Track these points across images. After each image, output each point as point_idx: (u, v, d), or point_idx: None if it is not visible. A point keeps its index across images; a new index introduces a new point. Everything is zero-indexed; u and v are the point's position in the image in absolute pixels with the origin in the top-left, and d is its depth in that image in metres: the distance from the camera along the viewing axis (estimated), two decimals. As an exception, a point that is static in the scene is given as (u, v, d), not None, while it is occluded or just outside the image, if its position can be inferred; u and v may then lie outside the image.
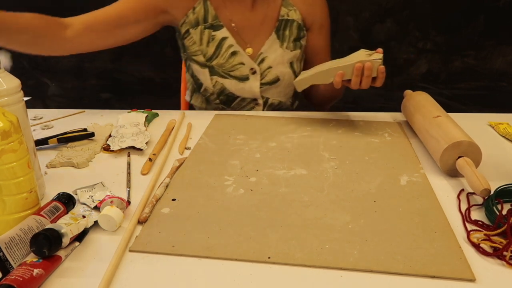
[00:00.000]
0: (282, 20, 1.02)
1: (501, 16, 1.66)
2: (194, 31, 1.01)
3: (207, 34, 1.00)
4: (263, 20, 1.02)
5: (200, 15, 1.00)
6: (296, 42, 1.04)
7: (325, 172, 0.71)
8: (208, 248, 0.53)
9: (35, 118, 0.97)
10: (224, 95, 1.05)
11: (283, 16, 1.02)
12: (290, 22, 1.02)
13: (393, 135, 0.86)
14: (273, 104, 1.08)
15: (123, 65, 1.85)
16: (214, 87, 1.04)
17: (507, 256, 0.51)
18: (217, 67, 1.02)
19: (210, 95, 1.07)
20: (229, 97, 1.06)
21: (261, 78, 1.03)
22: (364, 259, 0.51)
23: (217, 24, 1.00)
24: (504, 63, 1.74)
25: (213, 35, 1.00)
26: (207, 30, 1.00)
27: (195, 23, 1.01)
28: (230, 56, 1.01)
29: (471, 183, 0.63)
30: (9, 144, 0.52)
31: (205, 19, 1.00)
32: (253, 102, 1.07)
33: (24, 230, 0.52)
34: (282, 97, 1.08)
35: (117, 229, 0.57)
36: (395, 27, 1.71)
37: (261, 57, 1.02)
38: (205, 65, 1.02)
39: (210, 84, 1.04)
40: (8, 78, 0.60)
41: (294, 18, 1.03)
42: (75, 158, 0.75)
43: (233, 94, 1.05)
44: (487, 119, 0.95)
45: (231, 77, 1.02)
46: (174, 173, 0.71)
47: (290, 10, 1.03)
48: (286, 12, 1.02)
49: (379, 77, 0.83)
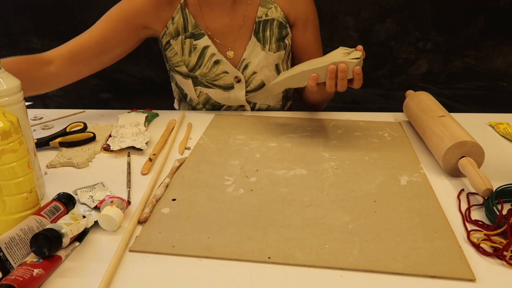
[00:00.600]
0: (260, 22, 0.97)
1: (501, 16, 1.66)
2: (175, 41, 0.97)
3: (188, 44, 0.97)
4: (243, 23, 0.98)
5: (179, 25, 0.96)
6: (279, 42, 0.99)
7: (325, 172, 0.71)
8: (208, 248, 0.53)
9: (35, 118, 0.97)
10: (209, 104, 1.03)
11: (260, 17, 0.97)
12: (269, 22, 0.97)
13: (393, 135, 0.86)
14: (261, 109, 1.05)
15: (123, 65, 1.85)
16: (198, 98, 1.02)
17: (507, 256, 0.51)
18: (201, 77, 0.99)
19: (196, 105, 1.05)
20: (215, 106, 1.04)
21: (246, 85, 1.00)
22: (364, 259, 0.51)
23: (197, 33, 0.96)
24: (504, 63, 1.74)
25: (195, 45, 0.97)
26: (188, 40, 0.96)
27: (175, 34, 0.97)
28: (213, 65, 0.97)
29: (474, 183, 0.63)
30: (9, 144, 0.52)
31: (185, 28, 0.96)
32: (240, 108, 1.04)
33: (24, 230, 0.52)
34: (270, 101, 1.05)
35: (117, 229, 0.57)
36: (395, 27, 1.71)
37: (245, 63, 0.98)
38: (188, 75, 1.00)
39: (195, 94, 1.02)
40: (8, 78, 0.60)
41: (274, 16, 0.97)
42: (75, 158, 0.75)
43: (219, 103, 1.03)
44: (487, 119, 0.95)
45: (216, 86, 1.00)
46: (174, 173, 0.71)
47: (269, 8, 0.97)
48: (265, 12, 0.97)
49: (355, 79, 0.78)
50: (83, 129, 0.87)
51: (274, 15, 0.97)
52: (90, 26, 0.97)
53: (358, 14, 1.72)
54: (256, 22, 0.97)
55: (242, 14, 0.97)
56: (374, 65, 1.78)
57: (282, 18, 0.98)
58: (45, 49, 0.95)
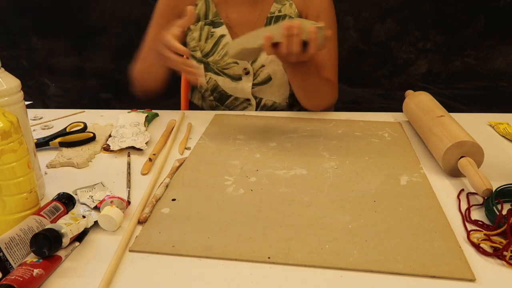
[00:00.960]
0: (271, 17, 1.00)
1: (501, 16, 1.66)
2: (195, 27, 1.02)
3: (206, 31, 1.01)
4: (259, 17, 1.02)
5: (201, 12, 1.01)
6: None
7: (325, 172, 0.71)
8: (208, 248, 0.53)
9: (35, 118, 0.97)
10: (217, 92, 1.06)
11: (273, 13, 1.01)
12: (281, 17, 1.00)
13: (393, 135, 0.86)
14: (266, 105, 1.07)
15: (123, 65, 1.85)
16: (208, 83, 1.05)
17: (507, 256, 0.51)
18: (213, 64, 1.03)
19: (205, 91, 1.08)
20: (222, 95, 1.07)
21: (253, 78, 1.03)
22: (364, 259, 0.51)
23: (217, 21, 1.01)
24: (504, 63, 1.74)
25: (212, 32, 1.01)
26: (206, 27, 1.01)
27: (196, 20, 1.02)
28: (225, 53, 1.01)
29: (474, 183, 0.63)
30: (9, 144, 0.52)
31: (206, 15, 1.01)
32: (246, 102, 1.07)
33: (24, 230, 0.52)
34: (276, 98, 1.07)
35: (117, 229, 0.57)
36: (395, 27, 1.71)
37: None
38: (201, 61, 1.04)
39: (204, 80, 1.05)
40: (8, 78, 0.60)
41: (286, 13, 1.00)
42: (75, 158, 0.75)
43: (226, 93, 1.06)
44: (487, 119, 0.95)
45: (225, 75, 1.03)
46: (174, 173, 0.71)
47: (283, 5, 1.00)
48: (278, 8, 1.01)
49: (311, 39, 0.74)
50: (83, 129, 0.87)
51: (287, 11, 1.01)
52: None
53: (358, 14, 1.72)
54: (268, 17, 1.01)
55: (260, 9, 1.01)
56: (374, 65, 1.78)
57: (294, 15, 1.01)
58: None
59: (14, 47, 1.81)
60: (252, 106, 1.07)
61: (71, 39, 1.79)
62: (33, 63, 1.87)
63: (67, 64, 1.86)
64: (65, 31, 1.78)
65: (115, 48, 1.80)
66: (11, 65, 0.81)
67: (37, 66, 1.87)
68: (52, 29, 1.77)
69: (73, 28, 1.76)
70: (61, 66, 1.87)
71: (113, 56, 1.83)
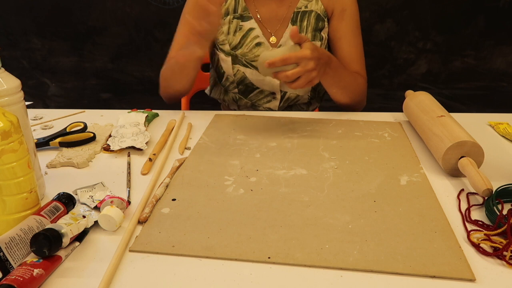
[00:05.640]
0: (298, 12, 1.04)
1: (501, 16, 1.66)
2: (223, 21, 1.04)
3: (235, 24, 1.04)
4: (287, 11, 1.04)
5: (230, 6, 1.04)
6: (315, 32, 1.04)
7: (325, 172, 0.71)
8: (208, 248, 0.53)
9: (35, 118, 0.97)
10: (243, 84, 1.07)
11: (299, 8, 1.04)
12: (308, 13, 1.03)
13: (393, 135, 0.86)
14: (290, 98, 1.09)
15: (123, 65, 1.85)
16: (235, 76, 1.06)
17: (507, 256, 0.51)
18: (241, 56, 1.04)
19: (230, 84, 1.09)
20: (248, 87, 1.08)
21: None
22: (364, 259, 0.51)
23: (246, 15, 1.04)
24: (504, 63, 1.74)
25: (241, 25, 1.04)
26: (235, 20, 1.04)
27: (225, 13, 1.04)
28: (254, 46, 1.04)
29: (474, 182, 0.63)
30: (9, 144, 0.53)
31: (235, 9, 1.04)
32: (271, 95, 1.08)
33: (24, 230, 0.52)
34: (300, 91, 1.09)
35: (117, 229, 0.57)
36: (395, 27, 1.71)
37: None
38: (229, 53, 1.05)
39: (232, 72, 1.06)
40: (8, 78, 0.60)
41: (313, 8, 1.03)
42: (75, 158, 0.75)
43: (253, 85, 1.07)
44: (487, 119, 0.95)
45: (253, 67, 1.05)
46: (174, 173, 0.71)
47: (310, 1, 1.04)
48: (305, 4, 1.04)
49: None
50: (83, 129, 0.87)
51: (313, 7, 1.04)
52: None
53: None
54: (295, 12, 1.04)
55: (288, 5, 1.05)
56: (374, 65, 1.78)
57: (320, 11, 1.04)
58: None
59: (14, 47, 1.81)
60: (277, 100, 1.09)
61: (71, 39, 1.79)
62: (33, 63, 1.87)
63: (67, 64, 1.86)
64: (65, 31, 1.78)
65: (115, 48, 1.80)
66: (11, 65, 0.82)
67: (37, 66, 1.87)
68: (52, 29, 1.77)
69: (73, 28, 1.77)
70: (61, 66, 1.87)
71: (113, 56, 1.83)
